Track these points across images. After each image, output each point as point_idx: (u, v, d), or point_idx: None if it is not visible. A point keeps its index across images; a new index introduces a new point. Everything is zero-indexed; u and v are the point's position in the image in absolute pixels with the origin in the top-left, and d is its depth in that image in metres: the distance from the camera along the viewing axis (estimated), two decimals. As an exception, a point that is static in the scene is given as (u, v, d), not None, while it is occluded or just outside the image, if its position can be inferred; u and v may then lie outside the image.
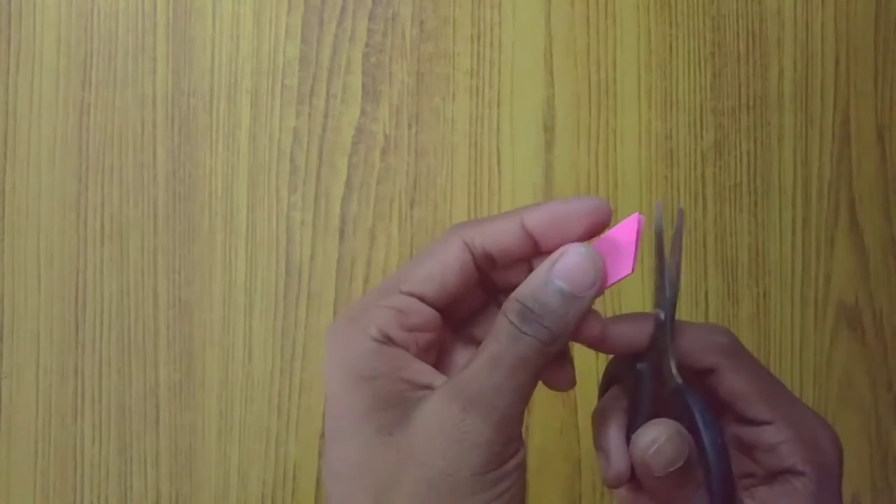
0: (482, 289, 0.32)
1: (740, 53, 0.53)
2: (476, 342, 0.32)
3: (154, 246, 0.51)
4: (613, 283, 0.30)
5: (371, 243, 0.51)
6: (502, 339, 0.28)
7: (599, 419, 0.33)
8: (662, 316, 0.32)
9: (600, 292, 0.29)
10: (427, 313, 0.30)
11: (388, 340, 0.29)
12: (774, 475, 0.31)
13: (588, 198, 0.30)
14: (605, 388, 0.35)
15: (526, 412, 0.51)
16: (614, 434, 0.32)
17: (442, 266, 0.30)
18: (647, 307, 0.51)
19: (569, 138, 0.52)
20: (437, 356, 0.32)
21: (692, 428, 0.30)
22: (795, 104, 0.54)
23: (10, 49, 0.51)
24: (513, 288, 0.30)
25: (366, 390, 0.28)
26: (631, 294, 0.52)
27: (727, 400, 0.32)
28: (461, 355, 0.32)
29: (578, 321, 0.29)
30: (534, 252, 0.31)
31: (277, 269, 0.51)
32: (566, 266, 0.29)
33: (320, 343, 0.51)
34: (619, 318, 0.33)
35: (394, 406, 0.28)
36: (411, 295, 0.30)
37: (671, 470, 0.30)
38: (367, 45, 0.52)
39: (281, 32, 0.52)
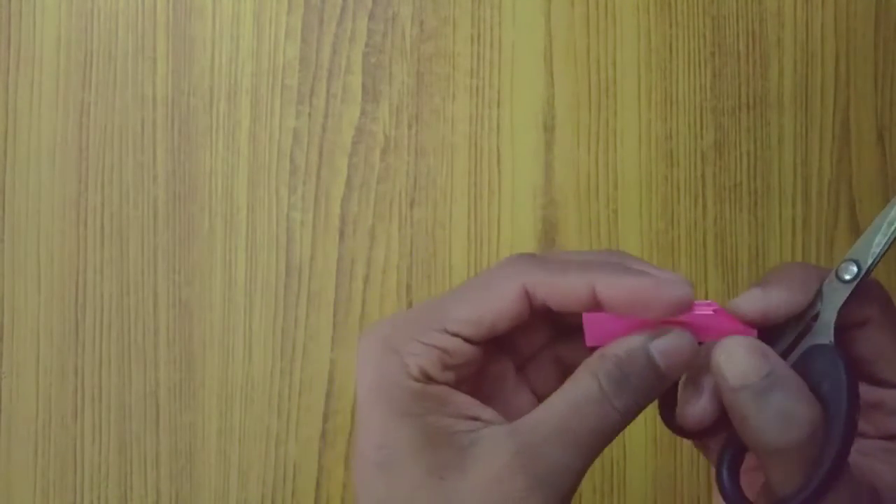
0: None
1: (740, 53, 0.53)
2: (526, 378, 0.31)
3: (154, 246, 0.51)
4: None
5: (371, 243, 0.51)
6: (584, 409, 0.26)
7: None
8: (855, 270, 0.30)
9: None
10: (471, 352, 0.28)
11: (428, 380, 0.28)
12: (890, 437, 0.30)
13: (672, 280, 0.27)
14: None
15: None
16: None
17: (496, 311, 0.28)
18: None
19: (569, 138, 0.52)
20: (480, 388, 0.30)
21: (826, 392, 0.28)
22: (795, 104, 0.54)
23: (9, 49, 0.51)
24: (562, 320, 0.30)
25: (413, 427, 0.27)
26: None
27: (865, 357, 0.30)
28: (498, 366, 0.31)
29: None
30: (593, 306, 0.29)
31: (277, 269, 0.51)
32: (669, 343, 0.27)
33: (320, 343, 0.51)
34: (781, 279, 0.30)
35: (444, 446, 0.27)
36: (457, 336, 0.28)
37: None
38: (367, 45, 0.52)
39: (281, 32, 0.52)
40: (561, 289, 0.28)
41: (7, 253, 0.50)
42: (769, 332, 0.30)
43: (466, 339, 0.28)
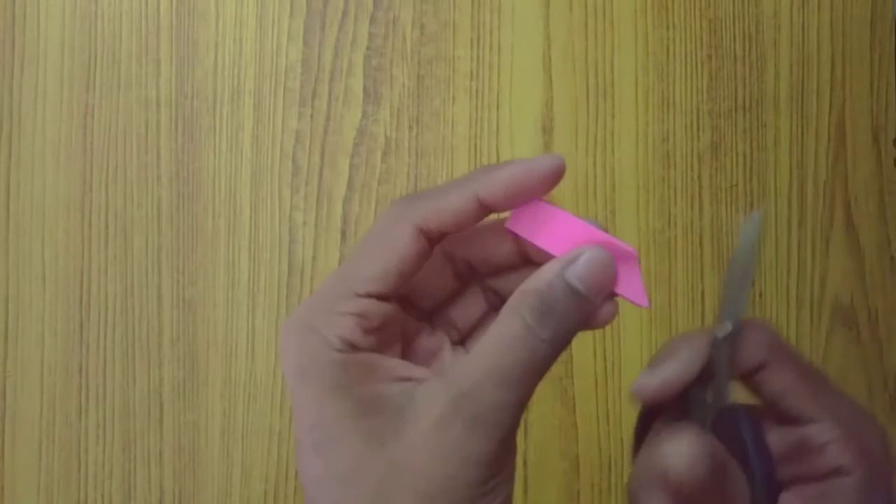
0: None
1: (737, 56, 0.54)
2: (444, 322, 0.31)
3: (158, 246, 0.51)
4: (619, 296, 0.29)
5: (372, 244, 0.51)
6: (512, 345, 0.26)
7: (638, 484, 0.30)
8: (730, 327, 0.30)
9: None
10: (388, 311, 0.28)
11: (352, 349, 0.27)
12: (822, 476, 0.29)
13: (540, 158, 0.28)
14: (643, 423, 0.32)
15: (525, 410, 0.51)
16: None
17: (398, 259, 0.28)
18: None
19: (567, 140, 0.53)
20: (403, 345, 0.30)
21: (740, 451, 0.28)
22: (791, 106, 0.54)
23: (14, 51, 0.51)
24: (471, 263, 0.29)
25: (344, 399, 0.27)
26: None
27: (773, 398, 0.30)
28: (428, 340, 0.31)
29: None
30: (484, 217, 0.29)
31: (280, 269, 0.51)
32: (584, 267, 0.27)
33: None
34: (667, 357, 0.30)
35: (379, 412, 0.27)
36: (369, 296, 0.28)
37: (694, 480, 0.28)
38: (368, 48, 0.52)
39: (283, 35, 0.52)
40: (448, 210, 0.28)
41: (12, 253, 0.51)
42: (684, 401, 0.30)
43: (379, 298, 0.28)
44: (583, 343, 0.52)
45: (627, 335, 0.52)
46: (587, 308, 0.27)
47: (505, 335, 0.27)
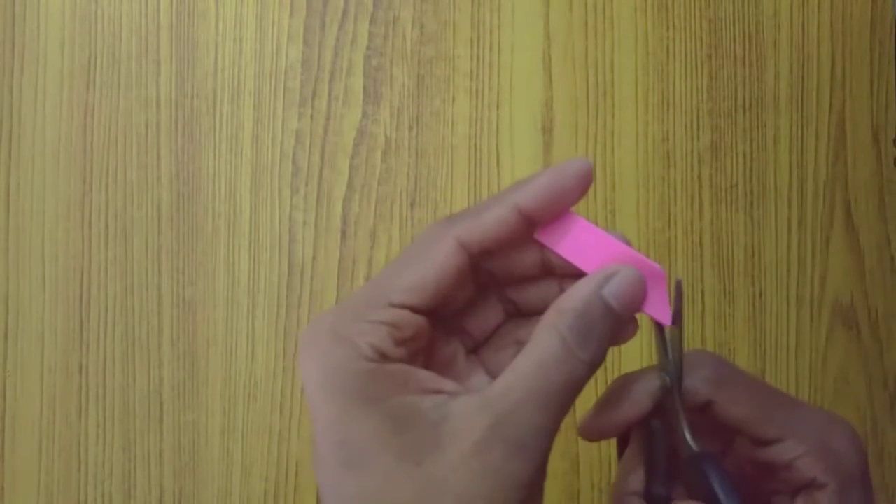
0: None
1: (737, 56, 0.54)
2: (457, 329, 0.31)
3: (158, 246, 0.51)
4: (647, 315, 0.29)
5: (372, 243, 0.52)
6: (553, 367, 0.26)
7: (616, 483, 0.31)
8: (668, 381, 0.30)
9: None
10: (419, 323, 0.28)
11: (383, 359, 0.26)
12: (798, 489, 0.30)
13: (569, 163, 0.28)
14: (622, 446, 0.33)
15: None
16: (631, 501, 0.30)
17: (436, 273, 0.27)
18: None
19: (567, 140, 0.53)
20: (427, 359, 0.30)
21: (710, 497, 0.29)
22: (791, 106, 0.54)
23: (14, 51, 0.51)
24: (493, 272, 0.29)
25: (375, 413, 0.26)
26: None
27: (734, 425, 0.30)
28: (445, 347, 0.30)
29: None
30: (528, 231, 0.29)
31: (280, 269, 0.51)
32: (620, 286, 0.27)
33: (322, 342, 0.51)
34: (625, 379, 0.31)
35: (412, 427, 0.26)
36: (404, 307, 0.27)
37: None
38: (368, 47, 0.52)
39: (283, 35, 0.52)
40: (489, 221, 0.28)
41: (12, 253, 0.51)
42: (648, 441, 0.31)
43: (413, 310, 0.27)
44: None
45: (628, 347, 0.52)
46: (620, 325, 0.27)
47: (545, 356, 0.26)
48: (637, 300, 0.27)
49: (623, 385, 0.31)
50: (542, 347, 0.26)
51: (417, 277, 0.27)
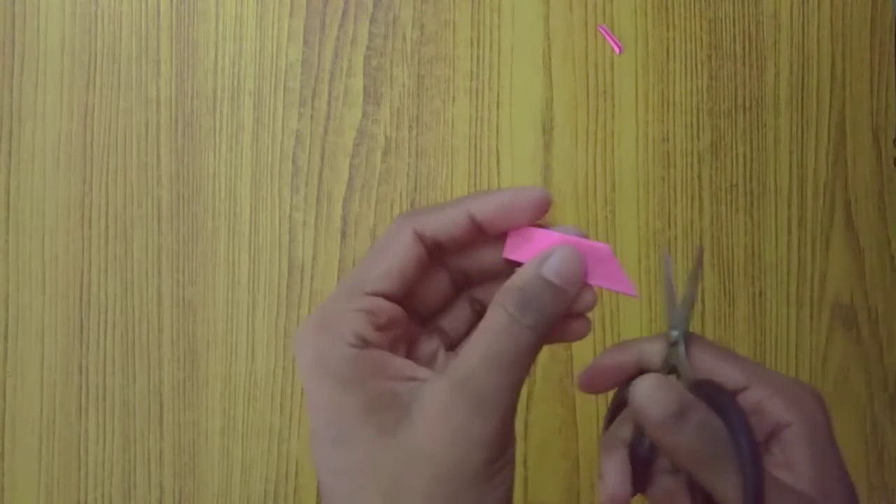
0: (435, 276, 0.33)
1: (737, 56, 0.54)
2: (437, 329, 0.34)
3: (158, 246, 0.51)
4: (609, 289, 0.31)
5: (372, 243, 0.52)
6: (501, 333, 0.29)
7: (603, 448, 0.33)
8: (675, 334, 0.33)
9: (583, 289, 0.31)
10: (393, 310, 0.31)
11: (364, 344, 0.29)
12: (769, 437, 0.31)
13: (530, 188, 0.31)
14: (612, 414, 0.35)
15: (525, 410, 0.51)
16: (616, 462, 0.32)
17: (399, 260, 0.31)
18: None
19: (567, 140, 0.53)
20: (408, 349, 0.33)
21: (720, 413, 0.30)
22: (791, 106, 0.54)
23: (14, 51, 0.51)
24: (466, 272, 0.32)
25: (357, 394, 0.29)
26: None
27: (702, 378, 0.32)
28: (427, 344, 0.33)
29: (563, 315, 0.31)
30: (479, 237, 0.32)
31: (280, 269, 0.51)
32: (556, 263, 0.30)
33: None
34: (629, 344, 0.34)
35: (389, 407, 0.29)
36: (376, 294, 0.30)
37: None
38: (368, 48, 0.52)
39: (283, 35, 0.52)
40: (443, 220, 0.31)
41: (12, 253, 0.51)
42: None
43: (386, 297, 0.30)
44: (583, 343, 0.52)
45: (627, 335, 0.52)
46: (563, 296, 0.30)
47: (492, 325, 0.30)
48: (574, 272, 0.31)
49: (623, 342, 0.34)
50: (490, 320, 0.30)
51: (385, 266, 0.31)
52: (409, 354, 0.33)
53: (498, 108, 0.52)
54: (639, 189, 0.53)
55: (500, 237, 0.32)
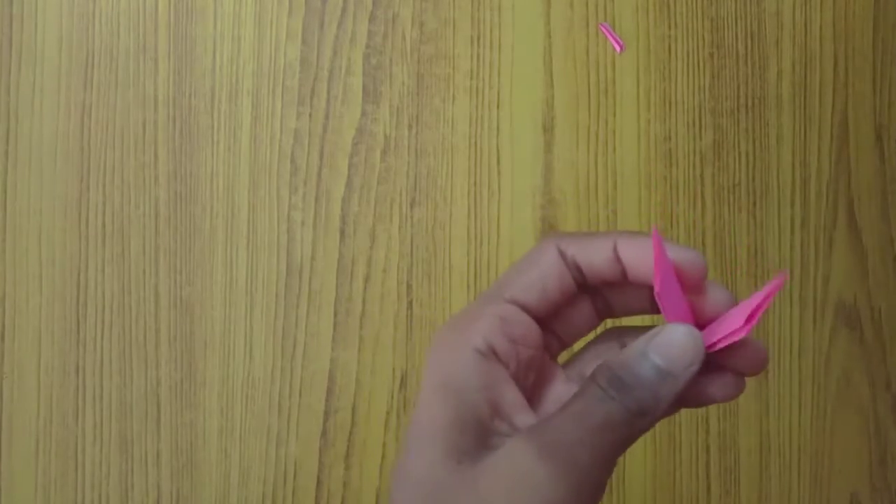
0: (590, 310, 0.32)
1: (739, 54, 0.53)
2: (580, 378, 0.32)
3: (155, 246, 0.51)
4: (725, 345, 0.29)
5: (371, 243, 0.52)
6: (589, 399, 0.27)
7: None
8: None
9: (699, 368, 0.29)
10: (528, 323, 0.30)
11: (490, 352, 0.28)
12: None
13: (687, 250, 0.29)
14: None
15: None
16: None
17: (541, 273, 0.30)
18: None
19: (568, 139, 0.53)
20: (535, 383, 0.31)
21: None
22: (794, 105, 0.54)
23: (11, 49, 0.51)
24: (611, 306, 0.31)
25: (450, 403, 0.28)
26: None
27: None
28: (561, 390, 0.31)
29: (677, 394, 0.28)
30: (621, 279, 0.30)
31: (278, 269, 0.51)
32: (664, 342, 0.28)
33: (321, 342, 0.51)
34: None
35: (470, 430, 0.28)
36: (514, 302, 0.30)
37: None
38: (367, 46, 0.52)
39: (282, 34, 0.52)
40: (586, 245, 0.30)
41: (9, 252, 0.51)
42: None
43: (523, 307, 0.30)
44: (583, 343, 0.52)
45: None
46: (672, 379, 0.28)
47: (582, 391, 0.28)
48: (686, 355, 0.28)
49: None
50: (583, 393, 0.28)
51: (525, 278, 0.30)
52: (538, 394, 0.31)
53: (498, 106, 0.52)
54: (640, 188, 0.53)
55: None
